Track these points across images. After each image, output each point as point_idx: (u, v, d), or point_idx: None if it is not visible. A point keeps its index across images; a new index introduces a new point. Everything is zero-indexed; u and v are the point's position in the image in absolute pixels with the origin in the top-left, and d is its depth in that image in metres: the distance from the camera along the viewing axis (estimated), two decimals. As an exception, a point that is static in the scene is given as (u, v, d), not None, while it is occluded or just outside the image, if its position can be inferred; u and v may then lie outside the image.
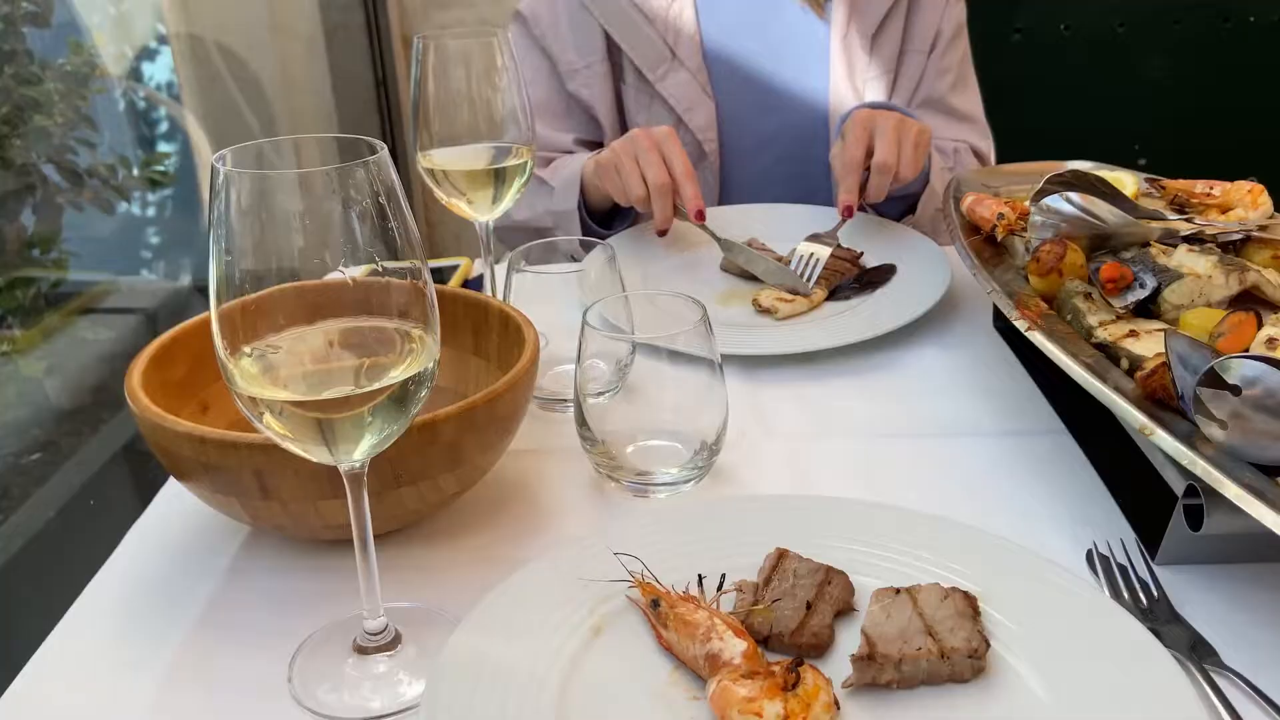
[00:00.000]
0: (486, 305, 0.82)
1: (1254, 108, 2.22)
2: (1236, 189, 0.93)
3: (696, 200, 1.15)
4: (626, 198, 1.19)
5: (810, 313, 1.06)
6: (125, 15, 2.26)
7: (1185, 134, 2.25)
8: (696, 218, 1.15)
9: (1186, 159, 2.26)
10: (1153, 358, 0.69)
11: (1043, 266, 0.83)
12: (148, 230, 2.52)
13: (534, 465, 0.82)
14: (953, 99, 1.41)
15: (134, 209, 2.50)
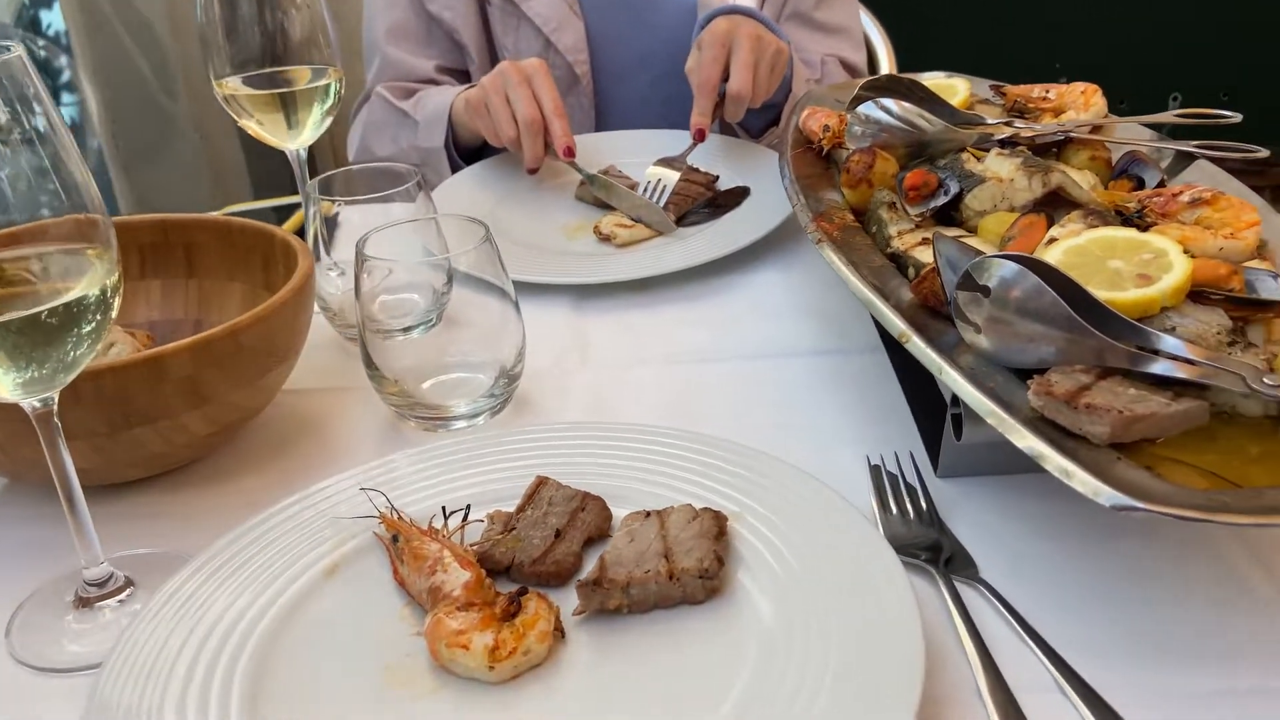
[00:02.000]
0: (271, 235, 0.78)
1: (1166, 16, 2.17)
2: (1070, 91, 0.89)
3: (566, 137, 1.11)
4: (498, 138, 1.14)
5: (652, 239, 1.03)
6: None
7: (1100, 52, 2.20)
8: (565, 154, 1.10)
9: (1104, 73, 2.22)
10: (929, 264, 0.66)
11: (852, 177, 0.80)
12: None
13: (330, 403, 0.79)
14: (820, 12, 1.36)
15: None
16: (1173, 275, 0.56)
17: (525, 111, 1.10)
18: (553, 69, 1.34)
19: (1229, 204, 0.66)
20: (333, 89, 0.88)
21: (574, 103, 1.37)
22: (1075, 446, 0.52)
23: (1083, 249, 0.60)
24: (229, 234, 0.80)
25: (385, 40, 1.33)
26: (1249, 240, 0.63)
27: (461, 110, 1.20)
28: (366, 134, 1.32)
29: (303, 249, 0.75)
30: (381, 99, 1.30)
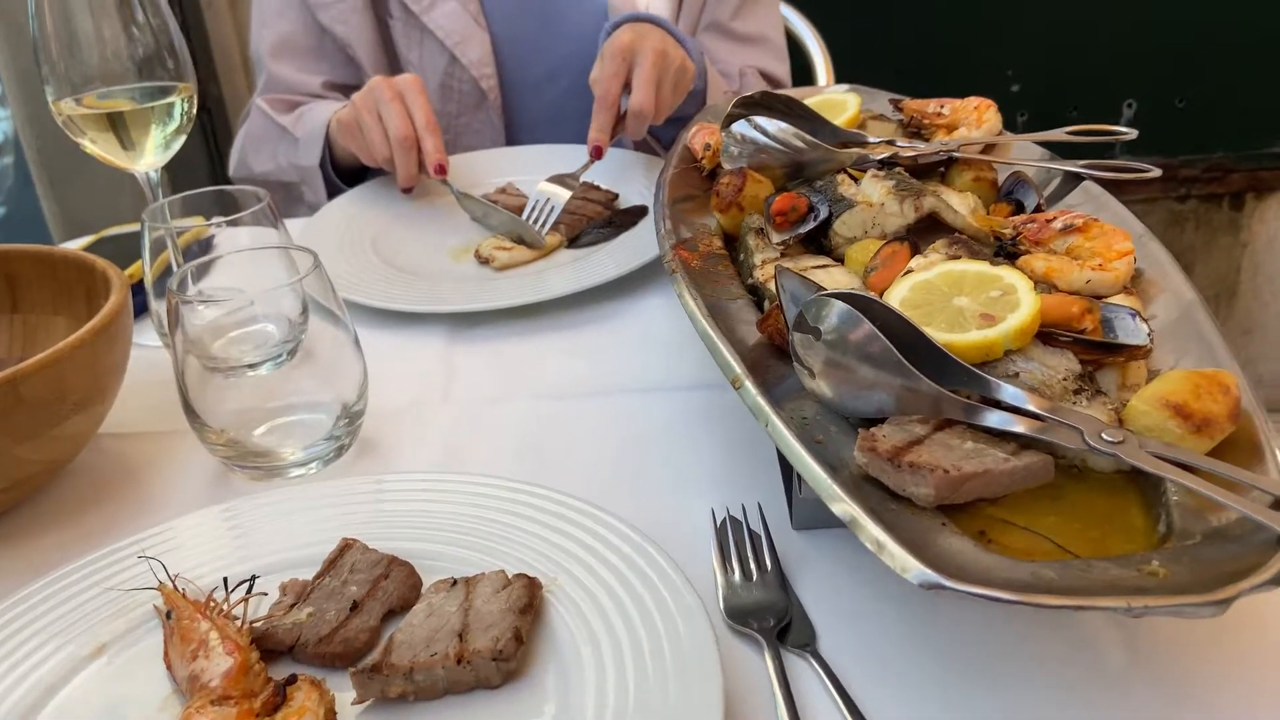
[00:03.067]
0: (92, 267, 0.73)
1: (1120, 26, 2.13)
2: (964, 106, 0.84)
3: (438, 154, 1.05)
4: (372, 158, 1.08)
5: (536, 262, 0.97)
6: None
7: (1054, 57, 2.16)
8: (437, 172, 1.05)
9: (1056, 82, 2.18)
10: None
11: (722, 200, 0.74)
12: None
13: (159, 448, 0.74)
14: (737, 23, 1.31)
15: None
16: (1017, 315, 0.51)
17: (397, 128, 1.04)
18: (459, 84, 1.29)
19: (1101, 231, 0.61)
20: (177, 108, 0.83)
21: (483, 119, 1.32)
22: (900, 510, 0.46)
23: (930, 285, 0.55)
24: (52, 265, 0.75)
25: (270, 54, 1.27)
26: (1119, 271, 0.58)
27: (336, 130, 1.14)
28: (245, 148, 1.26)
29: (119, 283, 0.69)
30: (261, 112, 1.24)
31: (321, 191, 1.18)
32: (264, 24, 1.29)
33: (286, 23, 1.27)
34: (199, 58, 1.90)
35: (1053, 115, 2.21)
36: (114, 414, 0.73)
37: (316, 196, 1.19)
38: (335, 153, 1.17)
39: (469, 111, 1.31)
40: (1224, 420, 0.46)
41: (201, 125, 1.87)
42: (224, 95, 2.04)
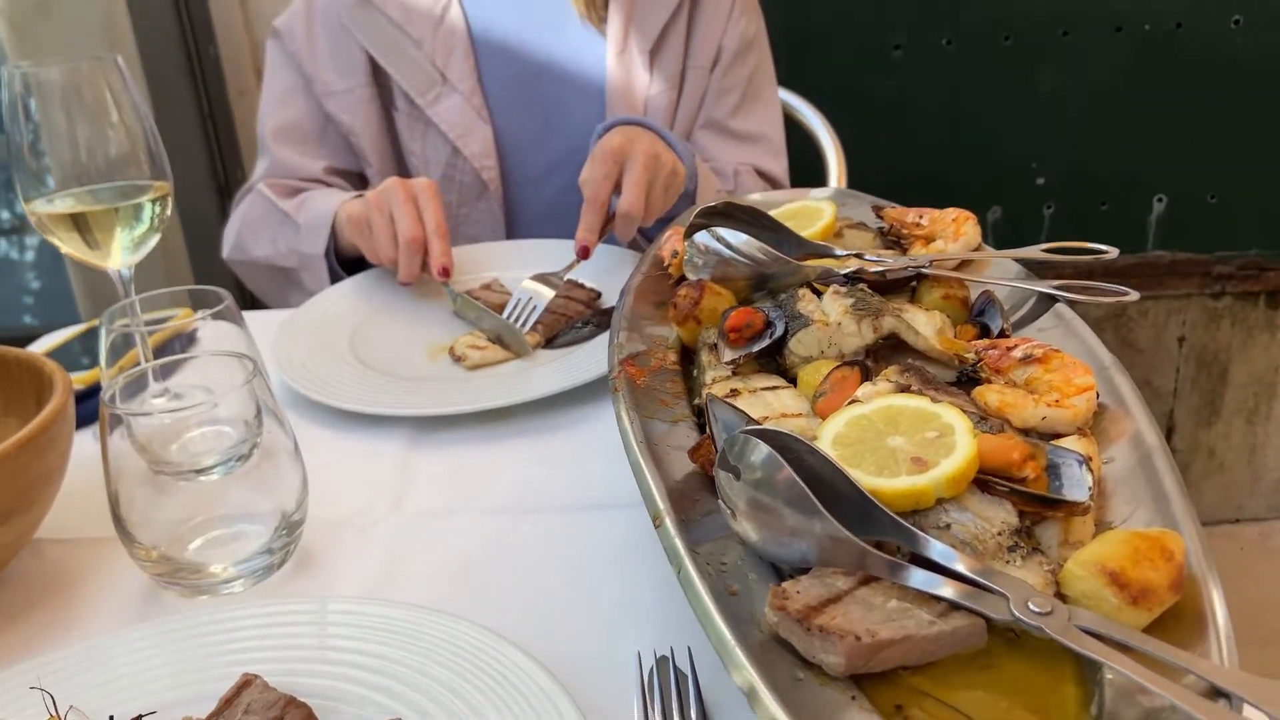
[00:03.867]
0: (40, 367, 0.72)
1: (1153, 118, 2.09)
2: (943, 218, 0.81)
3: (444, 257, 1.05)
4: (376, 256, 1.09)
5: (508, 363, 0.95)
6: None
7: (1080, 151, 2.13)
8: (440, 274, 1.04)
9: (1083, 175, 2.15)
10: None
11: (679, 313, 0.72)
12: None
13: (94, 555, 0.72)
14: (735, 121, 1.31)
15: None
16: (951, 461, 0.47)
17: (407, 229, 1.04)
18: (460, 175, 1.30)
19: (1062, 364, 0.57)
20: (146, 210, 0.83)
21: (483, 209, 1.32)
22: (808, 679, 0.42)
23: (866, 420, 0.52)
24: (5, 366, 0.74)
25: (273, 138, 1.29)
26: (1077, 409, 0.54)
27: (344, 223, 1.14)
28: (244, 231, 1.27)
29: (60, 389, 0.68)
30: (263, 196, 1.25)
31: (324, 278, 1.18)
32: (270, 108, 1.31)
33: (292, 108, 1.29)
34: (224, 143, 1.95)
35: (1080, 209, 2.17)
36: (58, 516, 0.71)
37: (316, 282, 1.19)
38: (339, 242, 1.18)
39: (470, 202, 1.32)
40: (1164, 591, 0.41)
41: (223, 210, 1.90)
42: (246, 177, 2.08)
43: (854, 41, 2.07)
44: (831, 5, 2.03)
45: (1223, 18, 2.01)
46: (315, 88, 1.29)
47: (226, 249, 1.31)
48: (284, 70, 1.32)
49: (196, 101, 1.79)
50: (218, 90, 1.85)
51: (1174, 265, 2.17)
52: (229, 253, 1.30)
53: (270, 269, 1.25)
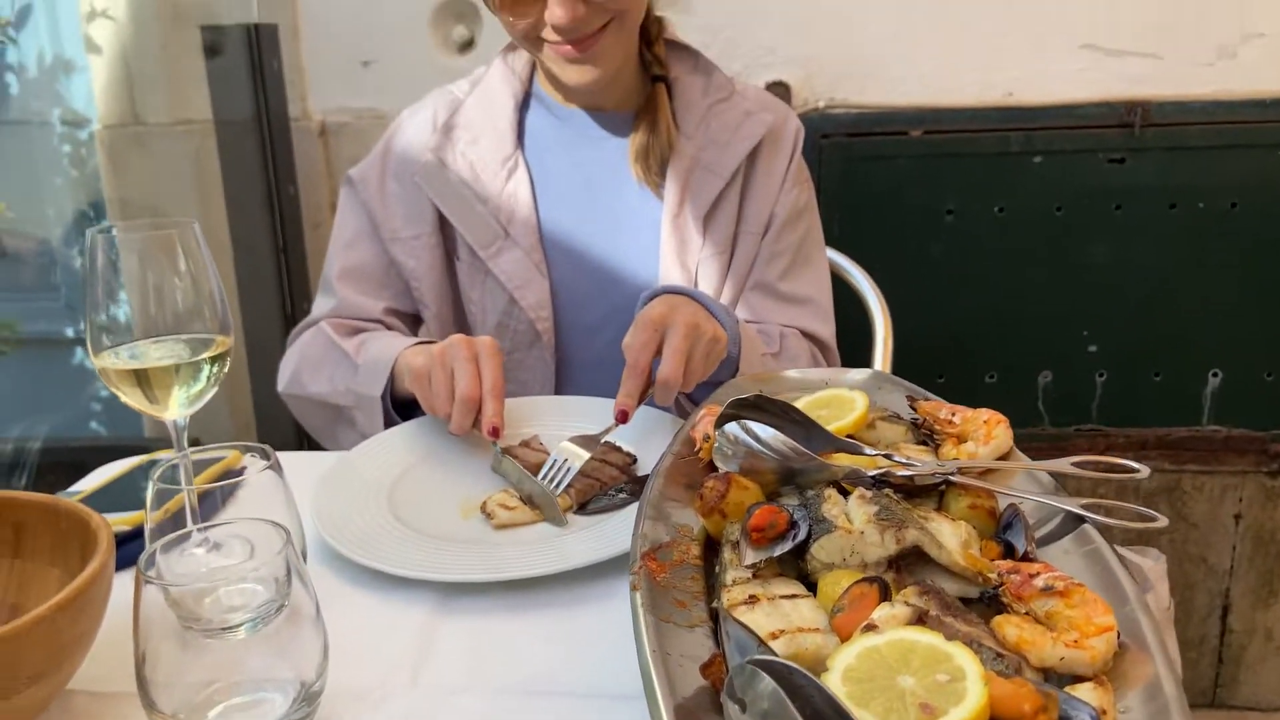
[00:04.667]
0: (87, 521, 0.75)
1: (1207, 293, 2.09)
2: (974, 418, 0.82)
3: (494, 418, 1.08)
4: (432, 409, 1.13)
5: (537, 525, 0.97)
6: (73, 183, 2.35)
7: (1134, 321, 2.12)
8: (490, 434, 1.07)
9: (1137, 345, 2.14)
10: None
11: (705, 505, 0.73)
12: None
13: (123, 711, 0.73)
14: (785, 284, 1.35)
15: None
16: (961, 711, 0.47)
17: (465, 388, 1.08)
18: (515, 324, 1.34)
19: (1083, 599, 0.56)
20: (204, 370, 0.87)
21: (535, 356, 1.36)
22: None
23: (878, 653, 0.51)
24: (55, 516, 0.77)
25: (338, 279, 1.36)
26: (1096, 651, 0.53)
27: (404, 371, 1.19)
28: (301, 366, 1.32)
29: (105, 545, 0.71)
30: (324, 334, 1.31)
31: (378, 419, 1.22)
32: (338, 251, 1.39)
33: (358, 252, 1.36)
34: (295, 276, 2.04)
35: (1133, 378, 2.16)
36: (91, 665, 0.73)
37: (369, 422, 1.23)
38: (395, 386, 1.22)
39: (522, 349, 1.36)
40: None
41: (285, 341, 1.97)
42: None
43: (907, 205, 2.12)
44: (887, 172, 2.09)
45: (1277, 199, 2.02)
46: (382, 233, 1.36)
47: (282, 383, 1.36)
48: (354, 216, 1.39)
49: (272, 236, 1.89)
50: (294, 226, 1.95)
51: (1229, 441, 2.13)
52: (285, 387, 1.35)
53: (323, 406, 1.29)
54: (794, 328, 1.34)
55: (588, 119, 1.35)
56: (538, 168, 1.36)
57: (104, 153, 2.09)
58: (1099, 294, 2.12)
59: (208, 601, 0.77)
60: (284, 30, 1.97)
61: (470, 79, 1.42)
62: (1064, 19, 2.00)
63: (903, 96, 2.08)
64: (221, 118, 1.89)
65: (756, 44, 2.09)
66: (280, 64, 1.91)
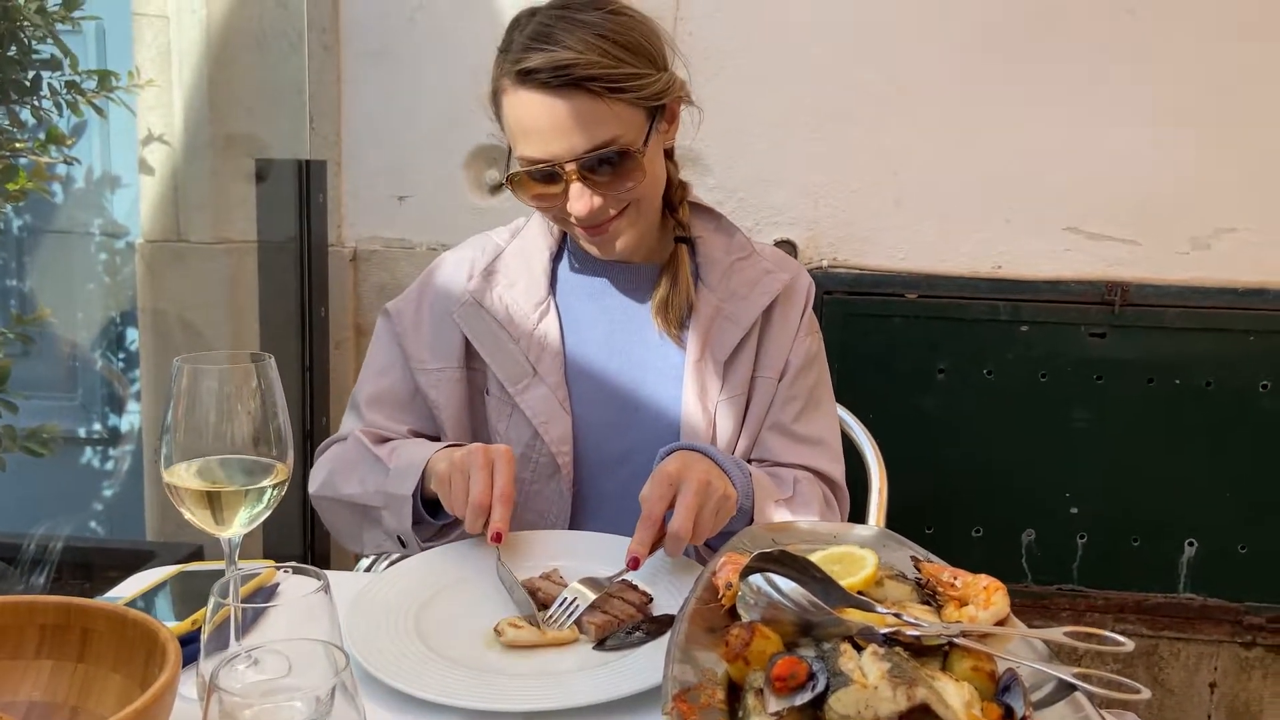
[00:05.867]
0: (156, 633, 0.80)
1: (1184, 465, 2.19)
2: (974, 583, 0.89)
3: (499, 524, 1.17)
4: (451, 509, 1.22)
5: (558, 657, 1.02)
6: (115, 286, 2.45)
7: (1113, 486, 2.22)
8: (492, 539, 1.16)
9: (1116, 511, 2.23)
10: (757, 783, 0.63)
11: (730, 651, 0.79)
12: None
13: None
14: (799, 426, 1.44)
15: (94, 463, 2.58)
16: None
17: (477, 495, 1.18)
18: (537, 456, 1.42)
19: (1076, 764, 0.63)
20: (268, 494, 0.94)
21: (553, 488, 1.43)
22: None
23: (896, 803, 0.58)
24: (123, 625, 0.83)
25: (366, 404, 1.46)
26: (1088, 812, 0.60)
27: (430, 474, 1.29)
28: (335, 470, 1.41)
29: (174, 658, 0.76)
30: (358, 441, 1.41)
31: (406, 518, 1.30)
32: (368, 377, 1.49)
33: (387, 379, 1.46)
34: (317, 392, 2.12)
35: (1112, 542, 2.24)
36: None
37: (396, 520, 1.31)
38: (423, 486, 1.30)
39: (542, 480, 1.43)
40: None
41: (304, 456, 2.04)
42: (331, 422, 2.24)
43: (901, 362, 2.24)
44: (884, 330, 2.22)
45: (1252, 381, 2.15)
46: (411, 363, 1.45)
47: (314, 486, 1.43)
48: (387, 346, 1.49)
49: (300, 353, 1.98)
50: (321, 345, 2.04)
51: (1205, 610, 2.20)
52: (317, 489, 1.43)
53: (353, 507, 1.37)
54: (807, 469, 1.42)
55: (616, 272, 1.47)
56: (567, 313, 1.46)
57: (143, 265, 2.19)
58: (1081, 459, 2.22)
59: (248, 714, 0.83)
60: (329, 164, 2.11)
61: (510, 228, 1.54)
62: (1050, 202, 2.17)
63: (900, 261, 2.23)
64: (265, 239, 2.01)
65: (767, 205, 2.24)
66: (325, 196, 2.04)
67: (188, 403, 0.93)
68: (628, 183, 1.29)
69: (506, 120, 1.30)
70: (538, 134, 1.25)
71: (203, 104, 2.07)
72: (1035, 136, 2.15)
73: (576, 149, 1.25)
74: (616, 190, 1.29)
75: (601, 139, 1.25)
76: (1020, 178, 2.17)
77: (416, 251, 2.26)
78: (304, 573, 0.96)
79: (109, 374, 2.47)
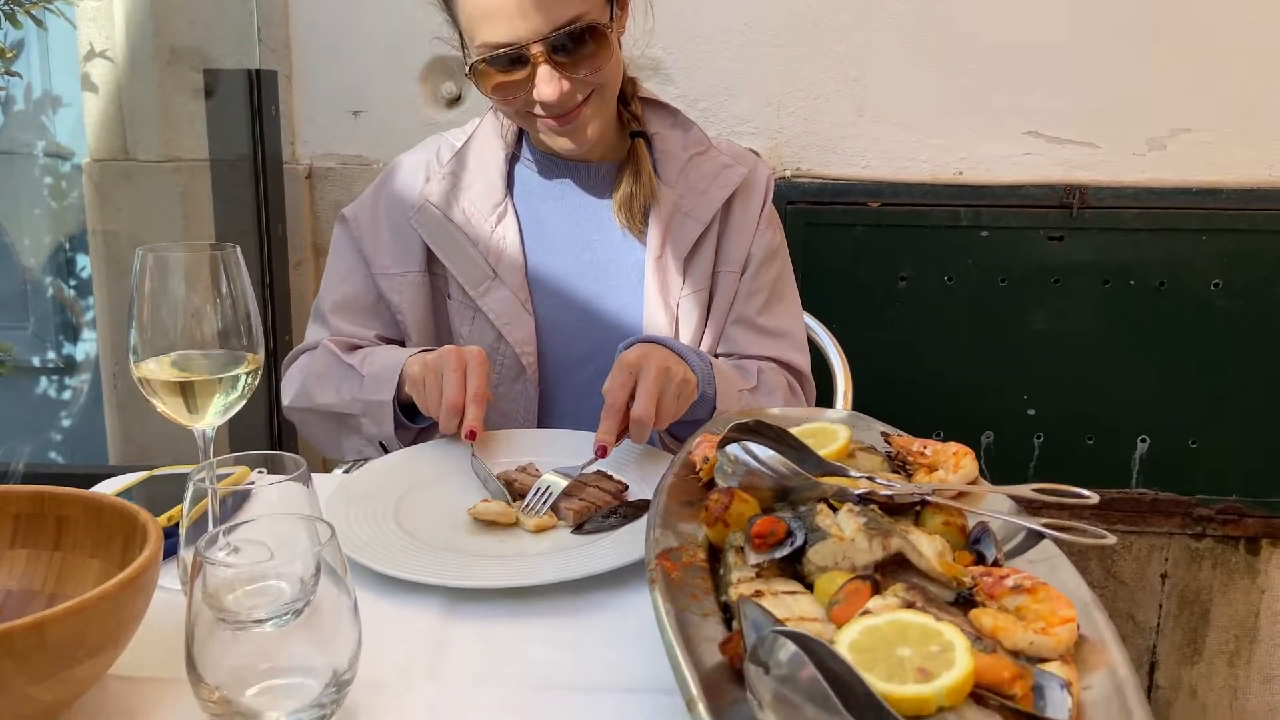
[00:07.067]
0: (135, 517, 0.80)
1: (1137, 365, 2.25)
2: (944, 450, 0.91)
3: (473, 423, 1.18)
4: (428, 411, 1.23)
5: (542, 540, 1.04)
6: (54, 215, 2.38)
7: (1070, 388, 2.27)
8: (466, 437, 1.17)
9: (1072, 411, 2.28)
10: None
11: (710, 516, 0.81)
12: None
13: (159, 694, 0.78)
14: (763, 318, 1.45)
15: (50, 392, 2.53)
16: (952, 674, 0.55)
17: (450, 397, 1.19)
18: (502, 358, 1.42)
19: (1048, 596, 0.66)
20: (242, 381, 0.93)
21: (520, 390, 1.43)
22: None
23: (878, 631, 0.60)
24: (99, 511, 0.82)
25: (330, 311, 1.45)
26: (1060, 638, 0.62)
27: (406, 378, 1.28)
28: (308, 380, 1.40)
29: (154, 537, 0.76)
30: (329, 352, 1.40)
31: (388, 423, 1.30)
32: (331, 285, 1.47)
33: (350, 286, 1.44)
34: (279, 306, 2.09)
35: (1068, 442, 2.29)
36: (124, 655, 0.77)
37: (380, 427, 1.32)
38: (401, 390, 1.30)
39: (508, 382, 1.43)
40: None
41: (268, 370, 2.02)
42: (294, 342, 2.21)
43: (864, 271, 2.25)
44: (847, 239, 2.23)
45: (1204, 280, 2.20)
46: (372, 268, 1.44)
47: (288, 398, 1.43)
48: (346, 253, 1.47)
49: (260, 272, 1.95)
50: (280, 264, 2.01)
51: (1156, 504, 2.27)
52: (291, 401, 1.42)
53: (328, 416, 1.37)
54: (772, 359, 1.44)
55: (574, 171, 1.45)
56: (526, 214, 1.45)
57: (91, 185, 2.13)
58: (1038, 361, 2.27)
59: (230, 599, 0.83)
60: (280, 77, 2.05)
61: (464, 129, 1.51)
62: (1010, 107, 2.18)
63: (863, 170, 2.23)
64: (216, 157, 1.95)
65: (730, 115, 2.23)
66: (277, 109, 1.99)
67: (153, 295, 0.92)
68: (597, 62, 1.27)
69: (463, 8, 1.26)
70: (501, 15, 1.22)
71: (145, 15, 1.99)
72: (996, 42, 2.14)
73: (541, 29, 1.22)
74: (585, 72, 1.27)
75: (567, 16, 1.22)
76: (981, 83, 2.17)
77: (373, 169, 2.22)
78: (280, 460, 0.95)
79: (62, 300, 2.42)
